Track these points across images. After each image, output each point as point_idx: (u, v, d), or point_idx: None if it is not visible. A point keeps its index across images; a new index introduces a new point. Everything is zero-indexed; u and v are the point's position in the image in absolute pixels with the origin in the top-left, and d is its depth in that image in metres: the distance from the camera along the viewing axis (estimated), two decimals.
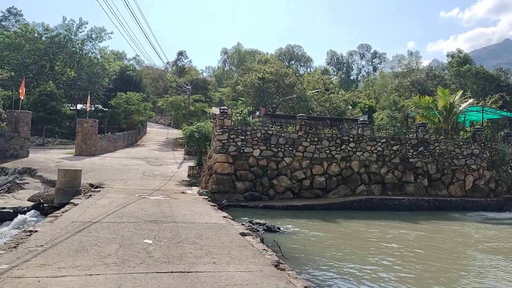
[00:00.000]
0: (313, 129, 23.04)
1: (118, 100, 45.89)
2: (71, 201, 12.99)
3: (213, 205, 13.61)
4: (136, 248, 6.93)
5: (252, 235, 8.81)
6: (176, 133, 53.50)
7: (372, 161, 21.47)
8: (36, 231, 7.80)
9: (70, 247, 6.72)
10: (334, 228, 14.58)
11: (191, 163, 27.08)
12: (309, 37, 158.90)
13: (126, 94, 46.88)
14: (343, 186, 20.59)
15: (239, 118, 24.18)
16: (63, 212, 10.47)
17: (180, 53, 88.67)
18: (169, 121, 68.68)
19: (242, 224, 12.20)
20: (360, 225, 15.59)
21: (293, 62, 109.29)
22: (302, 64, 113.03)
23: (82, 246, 6.81)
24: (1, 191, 20.90)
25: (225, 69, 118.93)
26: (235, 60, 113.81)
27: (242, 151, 19.40)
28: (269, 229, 12.56)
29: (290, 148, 20.11)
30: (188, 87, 44.68)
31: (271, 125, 22.12)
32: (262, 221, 13.46)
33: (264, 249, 7.36)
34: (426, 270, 9.63)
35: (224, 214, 11.67)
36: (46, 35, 50.81)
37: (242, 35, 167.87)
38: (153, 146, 43.53)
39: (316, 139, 20.59)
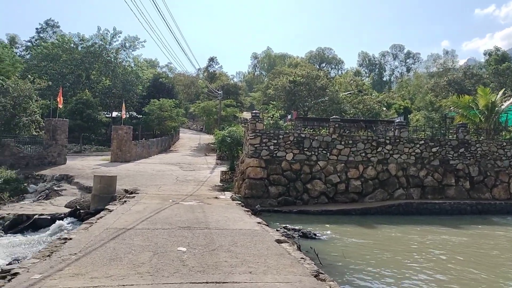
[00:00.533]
0: (347, 131, 22.47)
1: (152, 107, 46.58)
2: (106, 207, 13.05)
3: (246, 211, 13.37)
4: (170, 256, 6.75)
5: (288, 242, 8.49)
6: (208, 138, 53.82)
7: (410, 164, 20.68)
8: (70, 239, 7.77)
9: (103, 255, 6.61)
10: (372, 234, 14.03)
11: (223, 168, 26.99)
12: (340, 39, 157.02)
13: (159, 100, 47.54)
14: (380, 190, 19.92)
15: (271, 122, 23.89)
16: (98, 219, 10.48)
17: (211, 59, 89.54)
18: (201, 127, 69.26)
19: (277, 230, 11.88)
20: (399, 230, 14.95)
21: (323, 64, 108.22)
22: (333, 66, 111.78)
23: (115, 254, 6.69)
24: (40, 197, 21.44)
25: (255, 74, 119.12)
26: (265, 65, 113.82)
27: (274, 155, 19.09)
28: (304, 235, 12.18)
29: (324, 152, 19.64)
30: (219, 92, 44.82)
31: (303, 128, 21.69)
32: (297, 227, 13.10)
33: (302, 258, 7.02)
34: (470, 279, 9.01)
35: (258, 219, 11.40)
36: (82, 45, 52.35)
37: (271, 39, 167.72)
38: (186, 151, 43.88)
39: (350, 141, 20.03)
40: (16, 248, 12.91)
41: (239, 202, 15.87)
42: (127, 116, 50.00)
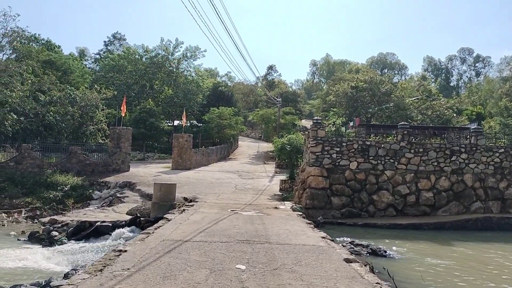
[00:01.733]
0: (416, 139, 20.91)
1: (211, 115, 46.99)
2: (165, 216, 12.79)
3: (308, 223, 12.53)
4: (228, 275, 6.10)
5: (359, 262, 7.56)
6: (266, 147, 53.34)
7: (488, 174, 18.75)
8: (125, 251, 7.38)
9: (157, 271, 6.10)
10: (449, 253, 12.59)
11: (283, 177, 26.25)
12: (403, 43, 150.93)
13: (218, 109, 47.89)
14: (454, 202, 18.19)
15: (332, 129, 22.86)
16: (156, 229, 10.14)
17: (270, 67, 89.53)
18: (260, 135, 69.05)
19: (343, 246, 10.92)
20: (479, 248, 13.37)
21: (386, 70, 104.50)
22: (396, 72, 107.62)
23: (170, 271, 6.16)
24: (104, 204, 21.91)
25: (314, 81, 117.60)
26: (324, 72, 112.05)
27: (337, 163, 18.05)
28: (374, 253, 11.09)
29: (391, 160, 18.29)
30: (278, 99, 44.27)
31: (368, 136, 20.45)
32: (364, 242, 12.03)
33: (377, 283, 6.09)
34: None
35: (323, 234, 10.52)
36: (146, 56, 54.15)
37: (330, 46, 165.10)
38: (245, 159, 43.64)
39: (421, 150, 18.51)
40: (77, 255, 12.98)
41: (300, 213, 15.04)
42: (188, 124, 50.89)
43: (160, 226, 10.47)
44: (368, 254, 10.89)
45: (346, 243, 11.58)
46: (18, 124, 26.58)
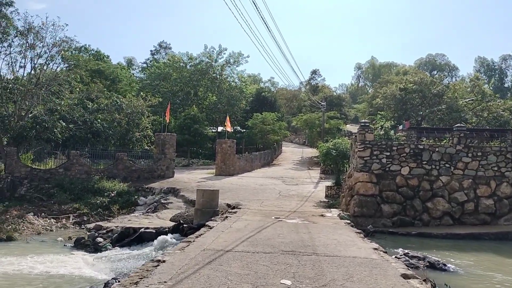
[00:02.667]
0: (473, 142, 19.45)
1: (254, 121, 46.70)
2: (207, 223, 12.40)
3: (358, 232, 11.71)
4: None
5: (418, 279, 6.75)
6: (310, 152, 52.34)
7: None
8: (164, 261, 6.99)
9: (195, 285, 5.63)
10: None
11: (328, 183, 25.34)
12: (453, 44, 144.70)
13: (262, 114, 47.55)
14: None
15: (381, 133, 21.76)
16: (197, 237, 9.74)
17: (314, 72, 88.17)
18: (304, 140, 68.05)
19: (397, 258, 10.05)
20: None
21: (435, 72, 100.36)
22: (445, 74, 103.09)
23: (209, 286, 5.66)
24: (149, 210, 21.97)
25: (359, 84, 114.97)
26: (369, 75, 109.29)
27: (387, 169, 17.01)
28: (432, 266, 10.11)
29: (447, 165, 17.02)
30: (322, 103, 43.30)
31: (419, 140, 19.23)
32: (420, 254, 11.04)
33: None
34: None
35: (375, 245, 9.70)
36: (190, 64, 54.88)
37: (375, 49, 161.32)
38: (288, 165, 42.92)
39: (479, 153, 17.12)
40: (120, 262, 12.86)
41: (348, 221, 14.21)
42: (231, 130, 50.91)
43: (201, 234, 10.07)
44: (425, 268, 9.93)
45: (400, 255, 10.67)
46: (68, 131, 27.36)
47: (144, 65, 72.85)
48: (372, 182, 16.71)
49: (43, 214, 21.24)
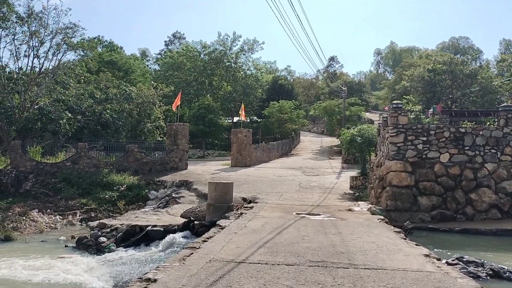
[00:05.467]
0: None
1: (271, 109, 44.93)
2: (218, 222, 10.71)
3: (397, 231, 9.84)
4: None
5: None
6: (330, 141, 50.51)
7: None
8: (155, 281, 5.29)
9: None
10: None
11: (352, 173, 23.48)
12: (477, 26, 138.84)
13: (279, 102, 45.72)
14: None
15: (411, 117, 19.68)
16: (204, 241, 8.04)
17: (331, 59, 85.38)
18: (322, 129, 65.97)
19: (448, 264, 8.18)
20: None
21: (458, 55, 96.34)
22: (469, 57, 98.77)
23: None
24: (160, 205, 20.49)
25: (379, 70, 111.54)
26: (389, 60, 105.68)
27: (424, 156, 14.99)
28: (496, 274, 8.18)
29: (493, 151, 14.90)
30: (343, 88, 41.13)
31: (462, 122, 17.11)
32: (477, 259, 9.11)
33: None
34: None
35: (424, 249, 7.84)
36: (204, 52, 53.19)
37: (395, 34, 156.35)
38: (308, 155, 41.13)
39: None
40: (122, 267, 11.33)
41: (382, 217, 12.32)
42: (247, 120, 49.23)
43: (209, 238, 8.36)
44: (488, 277, 8.03)
45: (453, 260, 8.76)
46: (75, 122, 25.97)
47: (159, 56, 71.43)
48: (407, 172, 14.72)
49: (48, 210, 20.00)
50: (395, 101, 17.67)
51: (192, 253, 6.90)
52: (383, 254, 7.16)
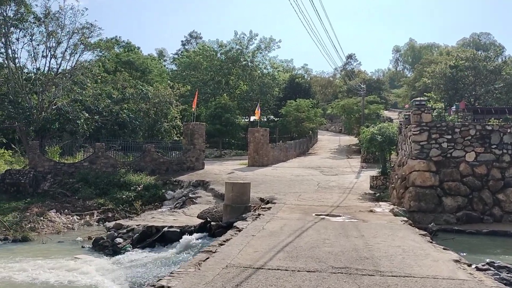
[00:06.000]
0: None
1: (288, 108, 44.48)
2: (235, 224, 10.41)
3: (423, 235, 9.38)
4: None
5: None
6: (348, 140, 49.80)
7: None
8: None
9: None
10: None
11: (372, 172, 22.90)
12: (498, 22, 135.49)
13: (296, 101, 45.22)
14: None
15: (434, 114, 19.06)
16: (221, 244, 7.73)
17: (349, 56, 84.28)
18: (340, 128, 65.20)
19: (478, 269, 7.67)
20: None
21: (480, 52, 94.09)
22: (491, 54, 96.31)
23: None
24: (177, 205, 20.31)
25: (398, 68, 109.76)
26: (408, 58, 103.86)
27: (449, 155, 14.40)
28: None
29: None
30: (362, 86, 40.41)
31: (487, 120, 16.43)
32: (509, 264, 8.57)
33: None
34: None
35: (453, 254, 7.38)
36: (220, 51, 53.04)
37: (414, 31, 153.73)
38: (325, 154, 40.54)
39: None
40: (138, 269, 11.12)
41: (405, 219, 11.84)
42: (264, 119, 48.86)
43: (226, 241, 8.05)
44: None
45: (483, 264, 8.25)
46: (93, 122, 26.03)
47: (175, 56, 71.63)
48: (431, 171, 14.16)
49: (66, 210, 19.99)
50: (418, 98, 17.08)
51: (208, 258, 6.60)
52: (410, 260, 6.74)
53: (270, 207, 13.95)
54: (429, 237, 9.25)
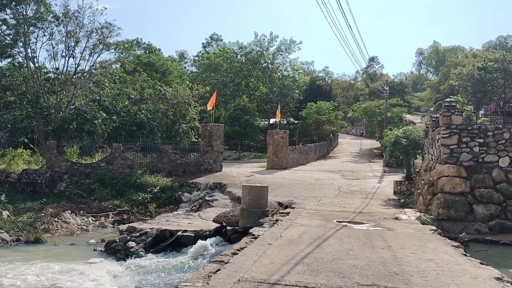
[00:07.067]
0: None
1: (308, 111, 43.68)
2: (251, 230, 9.76)
3: (455, 246, 8.57)
4: None
5: None
6: (369, 143, 48.69)
7: None
8: None
9: None
10: None
11: (395, 177, 21.99)
12: None
13: (316, 103, 44.39)
14: None
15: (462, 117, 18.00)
16: (234, 254, 7.11)
17: (371, 59, 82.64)
18: (361, 131, 63.94)
19: None
20: None
21: (509, 54, 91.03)
22: None
23: None
24: (193, 207, 19.86)
25: (421, 71, 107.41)
26: (432, 61, 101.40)
27: (481, 160, 13.47)
28: None
29: None
30: (385, 88, 39.33)
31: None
32: None
33: None
34: None
35: (493, 270, 6.57)
36: (240, 53, 52.66)
37: (438, 33, 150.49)
38: (346, 157, 39.61)
39: None
40: (150, 276, 10.61)
41: (434, 228, 11.00)
42: (284, 121, 48.15)
43: (240, 249, 7.42)
44: None
45: None
46: (110, 122, 25.82)
47: (196, 58, 71.58)
48: (461, 177, 13.25)
49: (81, 211, 19.74)
50: (448, 99, 16.13)
51: (218, 270, 5.98)
52: (446, 277, 5.98)
53: (289, 212, 13.30)
54: (462, 249, 8.43)
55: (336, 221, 11.61)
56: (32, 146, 26.15)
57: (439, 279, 5.85)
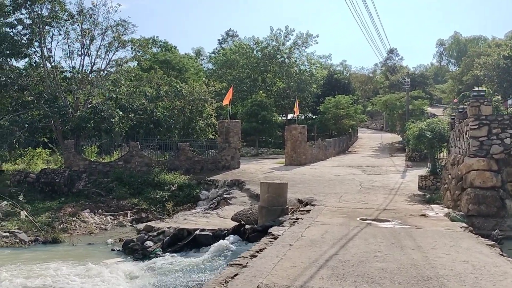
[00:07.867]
0: None
1: (327, 105, 42.95)
2: (270, 230, 9.32)
3: (491, 245, 7.96)
4: None
5: None
6: (390, 137, 47.70)
7: None
8: None
9: None
10: None
11: (419, 171, 21.20)
12: None
13: (335, 98, 43.59)
14: None
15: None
16: (252, 256, 6.68)
17: (391, 51, 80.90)
18: (381, 125, 62.73)
19: None
20: None
21: None
22: None
23: None
24: (211, 205, 19.55)
25: (442, 62, 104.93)
26: (453, 51, 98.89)
27: None
28: None
29: None
30: (407, 80, 38.31)
31: None
32: None
33: None
34: None
35: None
36: (256, 48, 52.14)
37: (458, 23, 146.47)
38: (367, 152, 38.77)
39: None
40: (167, 277, 10.29)
41: (465, 225, 10.36)
42: (302, 117, 47.51)
43: (259, 251, 6.98)
44: None
45: None
46: (127, 121, 25.70)
47: (212, 55, 71.37)
48: (492, 171, 12.52)
49: (100, 210, 19.69)
50: (476, 89, 15.31)
51: (236, 274, 5.56)
52: (486, 281, 5.43)
53: (309, 210, 12.80)
54: (499, 249, 7.83)
55: (360, 219, 11.08)
56: (51, 146, 26.25)
57: (478, 283, 5.31)
